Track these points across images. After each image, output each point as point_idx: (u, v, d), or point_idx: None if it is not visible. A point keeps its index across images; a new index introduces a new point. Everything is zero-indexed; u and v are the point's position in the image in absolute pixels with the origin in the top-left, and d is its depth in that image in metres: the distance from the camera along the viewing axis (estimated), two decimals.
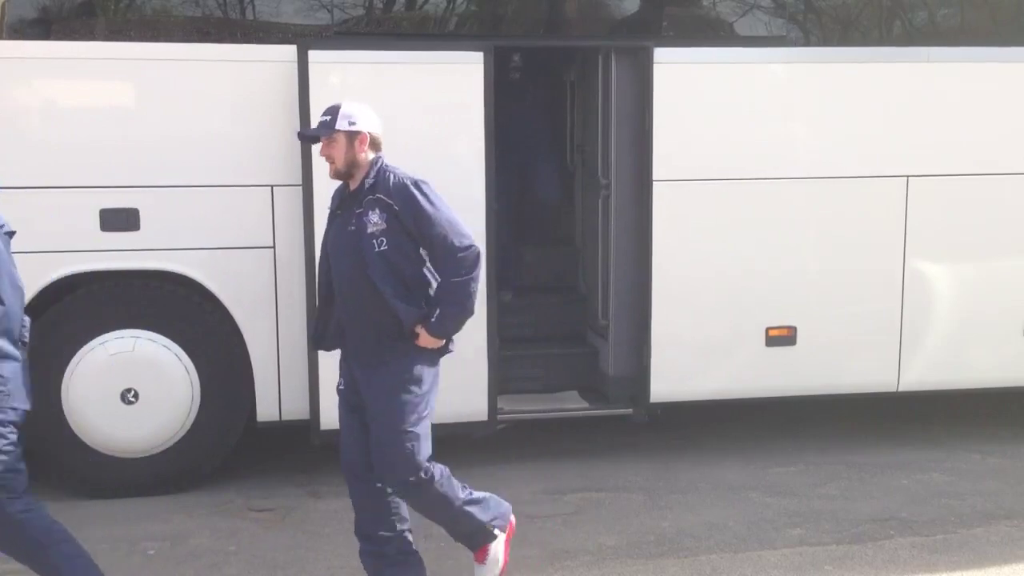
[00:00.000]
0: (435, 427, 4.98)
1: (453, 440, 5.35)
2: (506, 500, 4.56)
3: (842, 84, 5.32)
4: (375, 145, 3.75)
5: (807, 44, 5.53)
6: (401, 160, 4.84)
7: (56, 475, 4.95)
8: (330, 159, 3.71)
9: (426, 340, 3.64)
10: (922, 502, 4.88)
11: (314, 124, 3.91)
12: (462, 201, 4.87)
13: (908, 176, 5.40)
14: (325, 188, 4.73)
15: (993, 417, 6.11)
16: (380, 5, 5.34)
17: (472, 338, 4.94)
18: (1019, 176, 5.48)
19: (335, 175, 3.75)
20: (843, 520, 4.65)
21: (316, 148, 4.67)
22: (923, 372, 5.52)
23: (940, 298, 5.52)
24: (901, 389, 5.52)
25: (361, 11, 5.26)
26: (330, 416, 4.91)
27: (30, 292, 4.66)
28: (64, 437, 4.84)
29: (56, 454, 4.88)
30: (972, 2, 5.70)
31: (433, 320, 3.61)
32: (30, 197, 4.68)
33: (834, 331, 5.40)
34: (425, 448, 3.71)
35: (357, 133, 3.68)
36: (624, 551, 4.33)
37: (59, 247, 4.73)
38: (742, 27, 5.53)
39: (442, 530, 4.50)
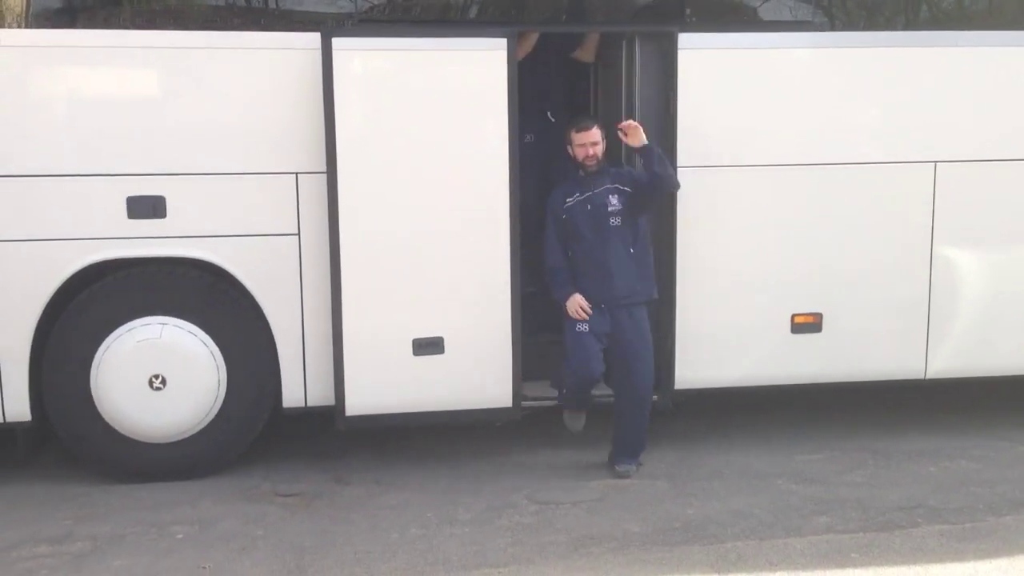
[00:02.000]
0: (460, 413, 5.08)
1: (478, 426, 5.40)
2: (528, 486, 4.60)
3: (868, 69, 5.27)
4: None
5: (832, 29, 5.48)
6: (425, 146, 4.89)
7: (86, 460, 5.01)
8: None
9: None
10: (950, 490, 4.84)
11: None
12: (485, 187, 4.91)
13: (936, 162, 5.35)
14: (349, 175, 4.81)
15: (1022, 404, 6.04)
16: None
17: (497, 324, 4.97)
18: None
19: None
20: (870, 508, 4.63)
21: (342, 134, 4.73)
22: (951, 359, 5.47)
23: (968, 284, 5.46)
24: (929, 376, 5.47)
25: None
26: (355, 402, 4.95)
27: (59, 279, 4.75)
28: (93, 422, 4.89)
29: (86, 439, 4.93)
30: None
31: None
32: (57, 185, 4.73)
33: (861, 318, 5.37)
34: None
35: None
36: (649, 538, 4.33)
37: (86, 235, 4.77)
38: (767, 12, 5.49)
39: (467, 515, 4.55)
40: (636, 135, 4.82)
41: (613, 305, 4.92)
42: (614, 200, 4.92)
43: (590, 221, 4.92)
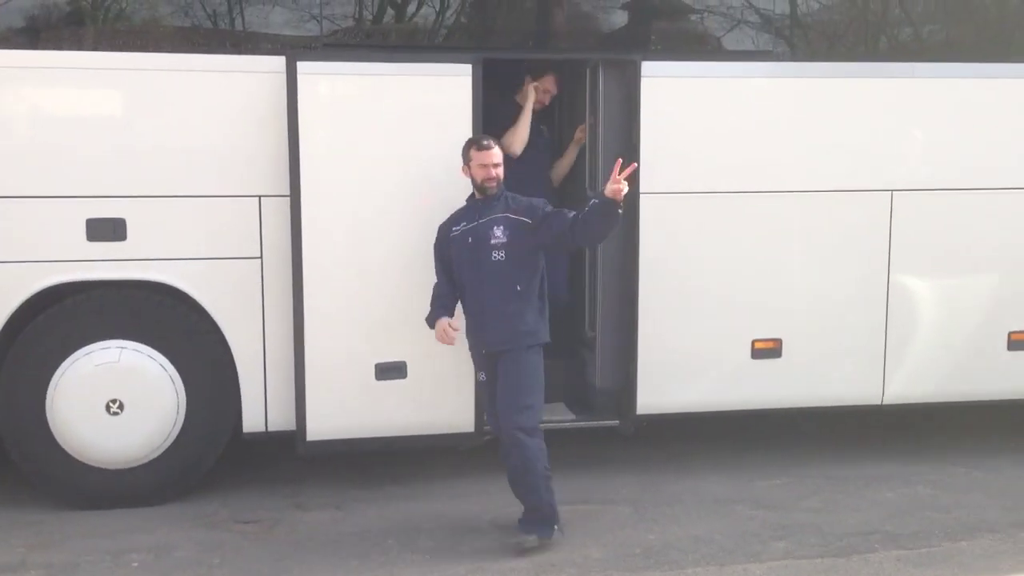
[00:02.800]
0: (422, 438, 5.05)
1: (440, 452, 5.38)
2: (490, 511, 4.58)
3: (827, 99, 5.37)
4: None
5: (793, 59, 5.57)
6: (391, 170, 4.89)
7: (40, 485, 4.92)
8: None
9: None
10: (906, 515, 4.90)
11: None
12: (451, 211, 4.91)
13: (892, 190, 5.45)
14: (313, 199, 4.79)
15: (977, 430, 6.14)
16: (369, 17, 5.35)
17: (458, 349, 4.97)
18: (1002, 191, 5.54)
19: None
20: (828, 533, 4.67)
21: (306, 158, 4.72)
22: (907, 385, 5.55)
23: (924, 311, 5.55)
24: (885, 402, 5.55)
25: (350, 23, 5.26)
26: (316, 427, 4.92)
27: (15, 302, 4.68)
28: (48, 447, 4.81)
29: (40, 464, 4.85)
30: (957, 19, 5.76)
31: None
32: (16, 206, 4.67)
33: (819, 344, 5.43)
34: None
35: None
36: (611, 563, 4.33)
37: (45, 257, 4.71)
38: (729, 42, 5.57)
39: (429, 541, 4.51)
40: (621, 187, 4.33)
41: (490, 352, 4.49)
42: (499, 232, 4.42)
43: (470, 256, 4.45)
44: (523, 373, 4.43)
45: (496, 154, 4.53)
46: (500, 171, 4.53)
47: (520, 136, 5.27)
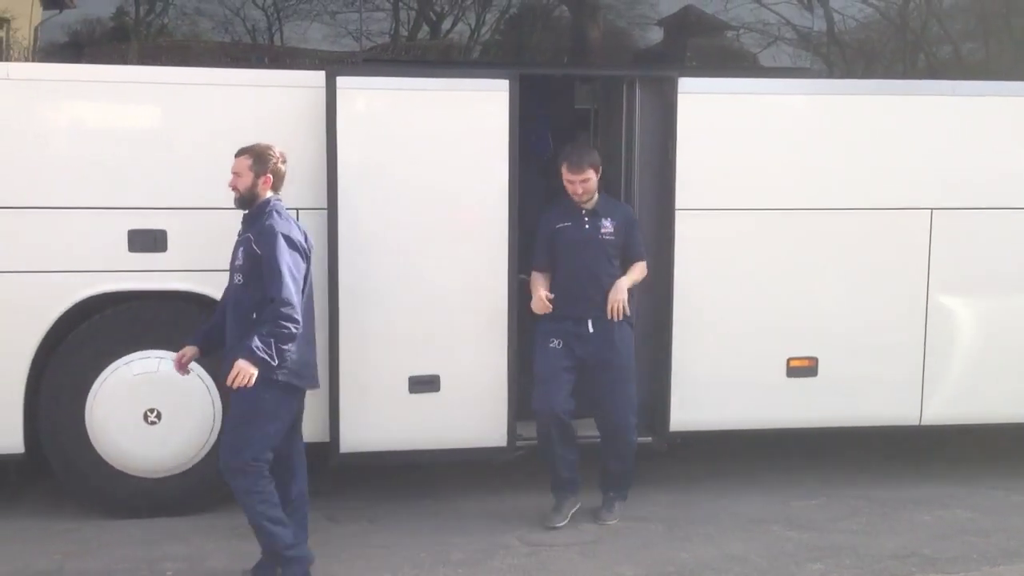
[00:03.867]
0: (454, 452, 5.05)
1: (472, 465, 5.37)
2: (522, 527, 4.55)
3: (866, 116, 5.33)
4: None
5: (831, 76, 5.54)
6: (426, 185, 4.92)
7: (78, 494, 4.98)
8: None
9: None
10: (945, 538, 4.82)
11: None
12: (486, 227, 4.94)
13: (932, 209, 5.39)
14: (350, 212, 4.83)
15: (1017, 453, 6.03)
16: (406, 33, 5.40)
17: (493, 363, 4.97)
18: None
19: None
20: (864, 555, 4.61)
21: (344, 172, 4.76)
22: (946, 406, 5.47)
23: (963, 331, 5.48)
24: (924, 423, 5.47)
25: (387, 39, 5.32)
26: (349, 438, 4.94)
27: (58, 311, 4.75)
28: (87, 456, 4.86)
29: (78, 473, 4.91)
30: (997, 36, 5.70)
31: None
32: (59, 217, 4.74)
33: (856, 363, 5.37)
34: None
35: None
36: None
37: (87, 267, 4.78)
38: (766, 58, 5.56)
39: (460, 555, 4.49)
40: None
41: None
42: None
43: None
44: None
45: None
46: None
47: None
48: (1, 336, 4.73)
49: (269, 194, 4.19)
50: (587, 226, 4.85)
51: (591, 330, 4.81)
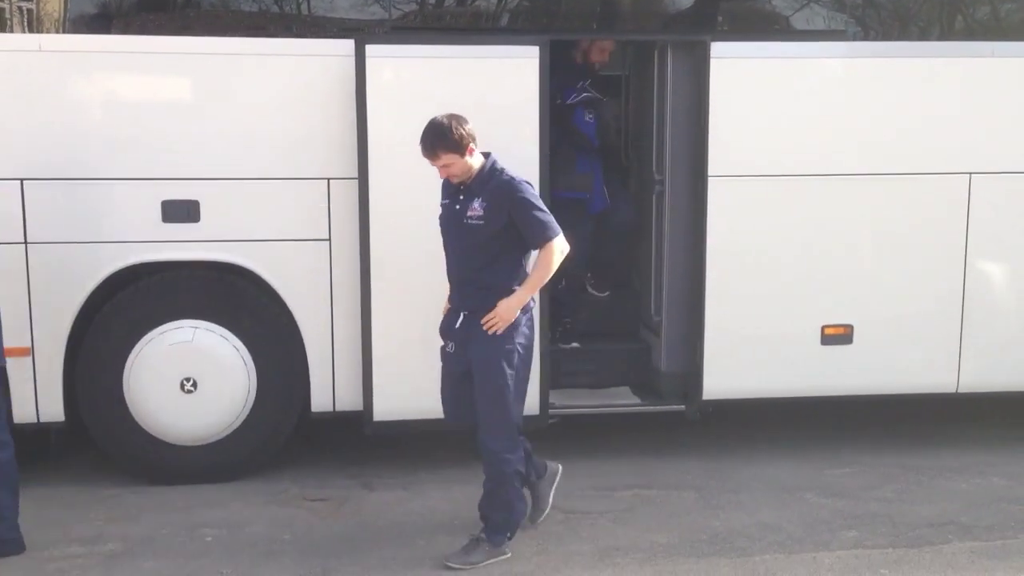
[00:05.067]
0: None
1: None
2: (555, 494, 4.56)
3: (902, 79, 5.23)
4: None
5: (866, 39, 5.44)
6: None
7: (118, 461, 5.07)
8: None
9: None
10: (981, 506, 4.78)
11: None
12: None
13: (971, 173, 5.29)
14: (380, 182, 4.83)
15: None
16: (434, 1, 5.36)
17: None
18: None
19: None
20: (899, 523, 4.58)
21: (374, 141, 4.75)
22: (983, 373, 5.41)
23: (1001, 297, 5.41)
24: (960, 390, 5.41)
25: (416, 6, 5.28)
26: (383, 407, 4.97)
27: (94, 281, 4.81)
28: (125, 424, 4.94)
29: (117, 441, 4.99)
30: None
31: None
32: (94, 188, 4.79)
33: (892, 330, 5.32)
34: None
35: None
36: (676, 549, 4.31)
37: (122, 238, 4.82)
38: (800, 21, 5.46)
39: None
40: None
41: None
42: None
43: None
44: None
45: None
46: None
47: None
48: (39, 307, 4.79)
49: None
50: (458, 206, 4.13)
51: (456, 326, 4.19)
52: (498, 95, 4.90)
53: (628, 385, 5.57)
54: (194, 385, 4.90)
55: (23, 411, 4.79)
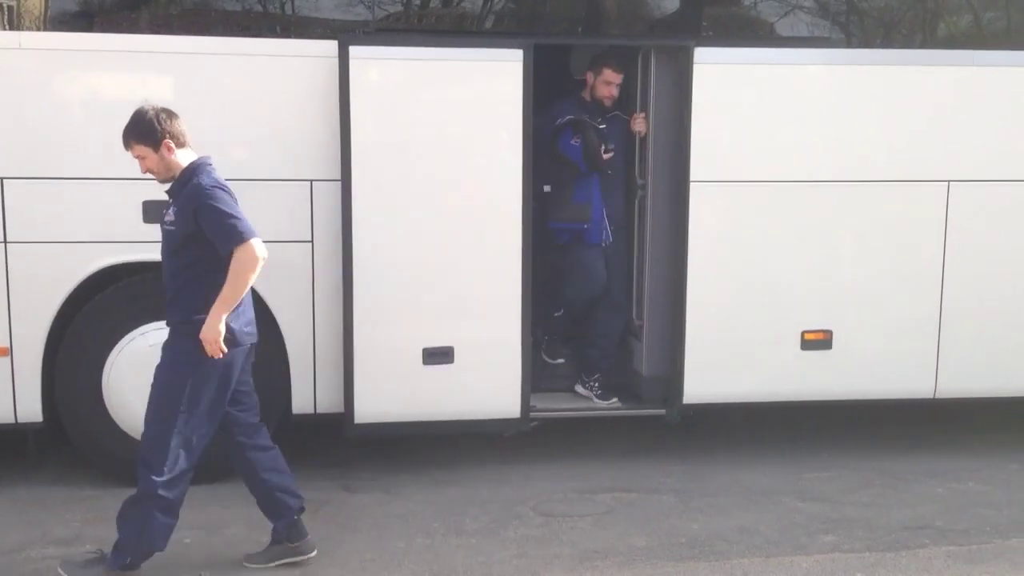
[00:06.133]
0: (468, 423, 5.07)
1: (486, 437, 5.40)
2: (535, 497, 4.57)
3: (884, 87, 5.27)
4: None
5: (849, 46, 5.48)
6: (439, 156, 4.90)
7: (96, 463, 5.03)
8: None
9: None
10: (957, 511, 4.83)
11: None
12: (499, 198, 4.92)
13: (949, 181, 5.34)
14: (363, 184, 4.82)
15: None
16: (419, 2, 5.36)
17: (506, 335, 4.98)
18: None
19: None
20: (876, 527, 4.62)
21: (358, 143, 4.74)
22: (960, 379, 5.45)
23: (979, 304, 5.45)
24: (938, 396, 5.46)
25: (400, 8, 5.28)
26: (364, 410, 4.97)
27: (74, 281, 4.77)
28: (104, 425, 4.91)
29: (96, 442, 4.95)
30: (1018, 5, 5.61)
31: None
32: (75, 188, 4.75)
33: (871, 336, 5.36)
34: None
35: None
36: (655, 553, 4.33)
37: (102, 238, 4.79)
38: (783, 28, 5.49)
39: (474, 525, 4.52)
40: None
41: None
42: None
43: None
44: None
45: None
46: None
47: None
48: (19, 306, 4.76)
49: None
50: (164, 209, 4.00)
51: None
52: (482, 98, 4.91)
53: (610, 389, 5.58)
54: None
55: (1, 411, 4.76)
